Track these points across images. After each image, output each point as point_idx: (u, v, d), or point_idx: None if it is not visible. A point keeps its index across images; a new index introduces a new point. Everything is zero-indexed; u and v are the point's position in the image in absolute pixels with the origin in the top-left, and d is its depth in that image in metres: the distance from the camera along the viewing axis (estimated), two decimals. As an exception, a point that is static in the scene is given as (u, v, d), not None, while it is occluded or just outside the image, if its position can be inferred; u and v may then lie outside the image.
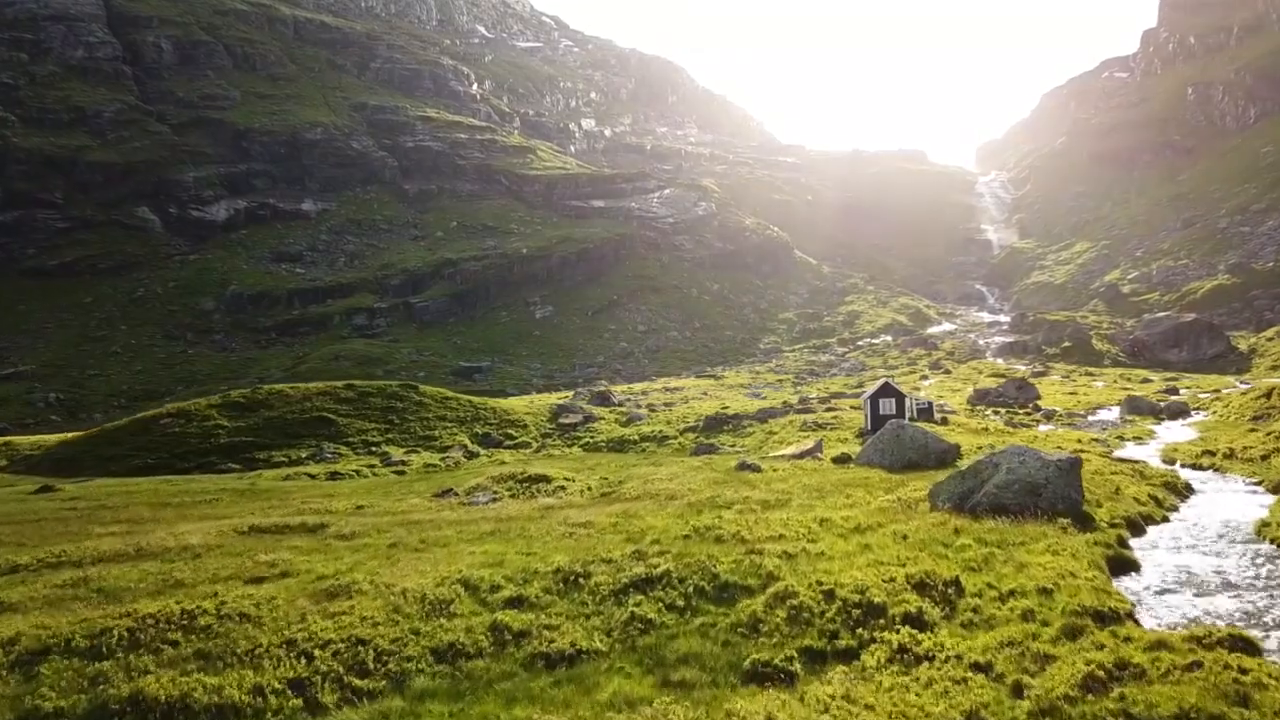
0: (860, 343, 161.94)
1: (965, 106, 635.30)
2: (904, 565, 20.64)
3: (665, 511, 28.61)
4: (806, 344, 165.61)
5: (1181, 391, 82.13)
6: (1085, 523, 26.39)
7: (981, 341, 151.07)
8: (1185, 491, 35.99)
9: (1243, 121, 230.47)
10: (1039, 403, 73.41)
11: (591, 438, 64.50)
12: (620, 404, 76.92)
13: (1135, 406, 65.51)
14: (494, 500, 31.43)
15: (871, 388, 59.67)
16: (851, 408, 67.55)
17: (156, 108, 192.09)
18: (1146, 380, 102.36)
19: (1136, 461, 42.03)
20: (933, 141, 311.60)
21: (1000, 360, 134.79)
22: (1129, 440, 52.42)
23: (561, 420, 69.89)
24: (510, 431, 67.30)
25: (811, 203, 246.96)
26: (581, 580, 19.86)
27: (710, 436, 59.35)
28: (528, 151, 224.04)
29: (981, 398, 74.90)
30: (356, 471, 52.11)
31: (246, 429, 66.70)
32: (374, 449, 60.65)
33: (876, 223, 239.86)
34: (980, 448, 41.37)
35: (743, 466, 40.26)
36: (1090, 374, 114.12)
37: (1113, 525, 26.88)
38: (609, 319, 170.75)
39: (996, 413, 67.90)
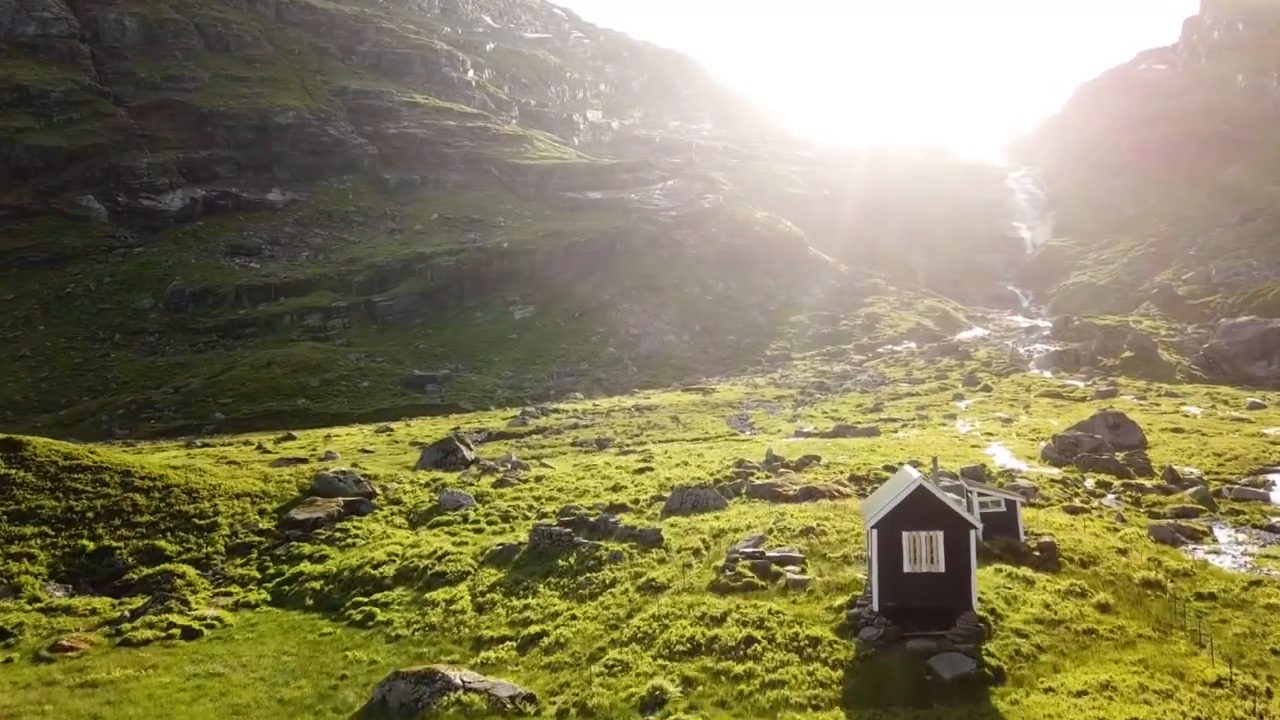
0: (880, 349, 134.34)
1: (989, 101, 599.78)
2: None
3: None
4: (819, 351, 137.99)
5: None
6: None
7: (1022, 350, 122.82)
8: None
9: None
10: (1156, 460, 44.70)
11: (315, 563, 35.51)
12: (469, 463, 49.77)
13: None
14: None
15: (889, 491, 26.91)
16: (857, 494, 37.93)
17: (114, 89, 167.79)
18: (1257, 405, 74.29)
19: None
20: (957, 136, 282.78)
21: (1048, 373, 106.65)
22: None
23: (294, 515, 40.41)
24: (163, 543, 37.39)
25: (830, 198, 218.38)
26: None
27: (529, 580, 30.13)
28: (523, 141, 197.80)
29: (1067, 452, 46.62)
30: None
31: None
32: None
33: (899, 220, 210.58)
34: None
35: None
36: (1172, 394, 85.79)
37: None
38: (598, 321, 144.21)
39: (1106, 487, 39.95)
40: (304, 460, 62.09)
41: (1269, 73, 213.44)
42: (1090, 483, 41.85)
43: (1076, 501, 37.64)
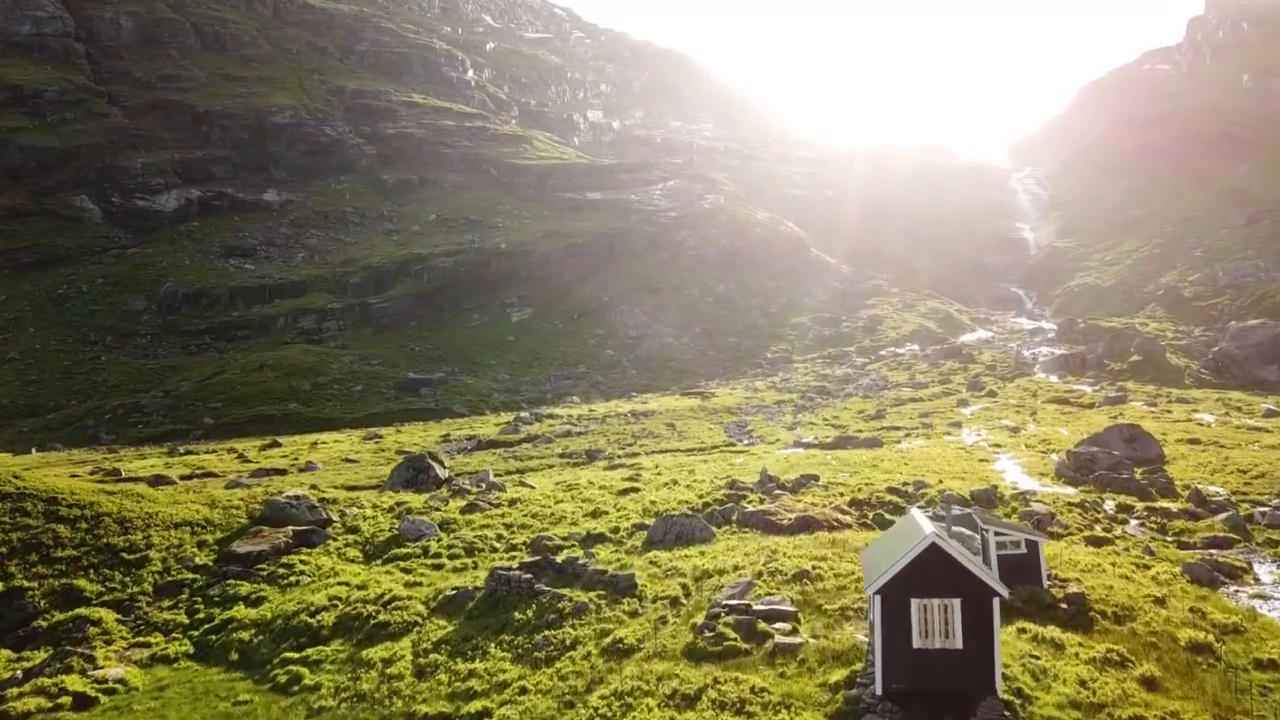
0: (883, 352, 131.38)
1: (992, 101, 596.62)
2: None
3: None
4: (821, 353, 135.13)
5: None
6: None
7: (1027, 353, 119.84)
8: None
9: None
10: (1177, 476, 41.67)
11: (251, 606, 31.22)
12: (441, 483, 46.21)
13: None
14: None
15: (895, 546, 21.82)
16: (858, 524, 34.80)
17: (109, 88, 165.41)
18: (1272, 412, 71.36)
19: None
20: (960, 137, 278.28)
21: (1054, 377, 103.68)
22: None
23: (236, 548, 35.72)
24: (83, 582, 32.47)
25: (832, 199, 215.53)
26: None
27: (479, 636, 25.74)
28: (522, 141, 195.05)
29: (1083, 470, 43.59)
30: None
31: None
32: None
33: (901, 221, 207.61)
34: None
35: None
36: (1183, 400, 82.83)
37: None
38: (596, 323, 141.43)
39: (1128, 511, 37.10)
40: (283, 471, 59.52)
41: (1275, 73, 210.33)
42: (1110, 505, 38.84)
43: (1098, 530, 34.71)
